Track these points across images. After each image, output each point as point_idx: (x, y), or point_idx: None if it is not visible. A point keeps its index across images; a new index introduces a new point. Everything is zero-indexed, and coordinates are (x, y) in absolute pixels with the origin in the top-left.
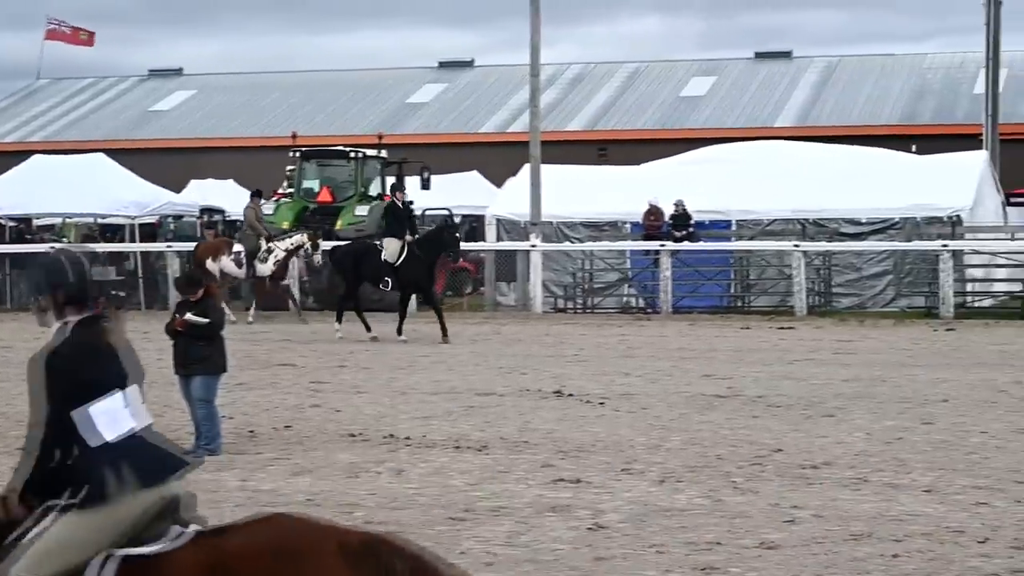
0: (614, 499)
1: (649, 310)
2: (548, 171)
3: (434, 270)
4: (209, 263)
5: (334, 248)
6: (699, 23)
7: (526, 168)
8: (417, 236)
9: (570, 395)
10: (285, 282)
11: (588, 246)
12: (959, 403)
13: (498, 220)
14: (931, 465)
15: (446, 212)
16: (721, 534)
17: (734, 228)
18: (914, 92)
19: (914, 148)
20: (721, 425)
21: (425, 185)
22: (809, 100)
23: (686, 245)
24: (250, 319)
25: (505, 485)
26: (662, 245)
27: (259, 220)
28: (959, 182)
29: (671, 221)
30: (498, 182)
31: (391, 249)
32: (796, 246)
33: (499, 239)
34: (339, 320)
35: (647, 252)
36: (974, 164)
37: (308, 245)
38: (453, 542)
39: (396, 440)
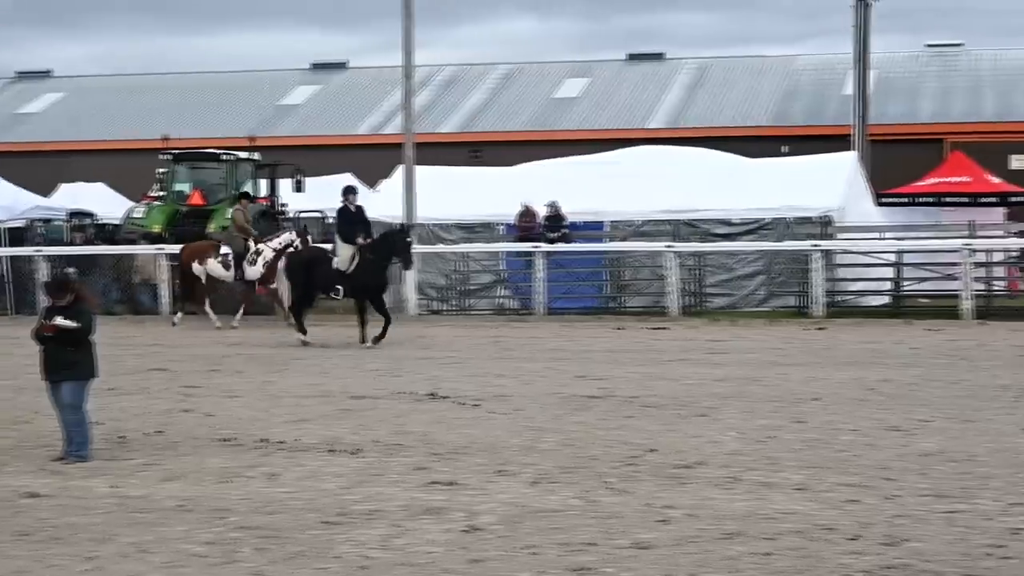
0: (488, 501)
1: (523, 311)
2: (422, 173)
3: (386, 275)
4: (195, 266)
5: (288, 255)
6: (574, 25)
7: (400, 170)
8: (369, 241)
9: (444, 397)
10: (273, 285)
11: (462, 248)
12: (830, 402)
13: (372, 222)
14: (803, 463)
15: (319, 214)
16: (595, 535)
17: (607, 229)
18: (785, 93)
19: (785, 149)
20: (595, 426)
21: (298, 188)
22: (681, 101)
23: (560, 247)
24: (235, 323)
25: (379, 488)
26: (536, 246)
27: (248, 222)
28: (829, 183)
29: (545, 222)
30: (372, 184)
31: (343, 256)
32: (669, 247)
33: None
34: (303, 330)
35: (521, 254)
36: (844, 165)
37: (297, 243)
38: (327, 546)
39: (269, 444)
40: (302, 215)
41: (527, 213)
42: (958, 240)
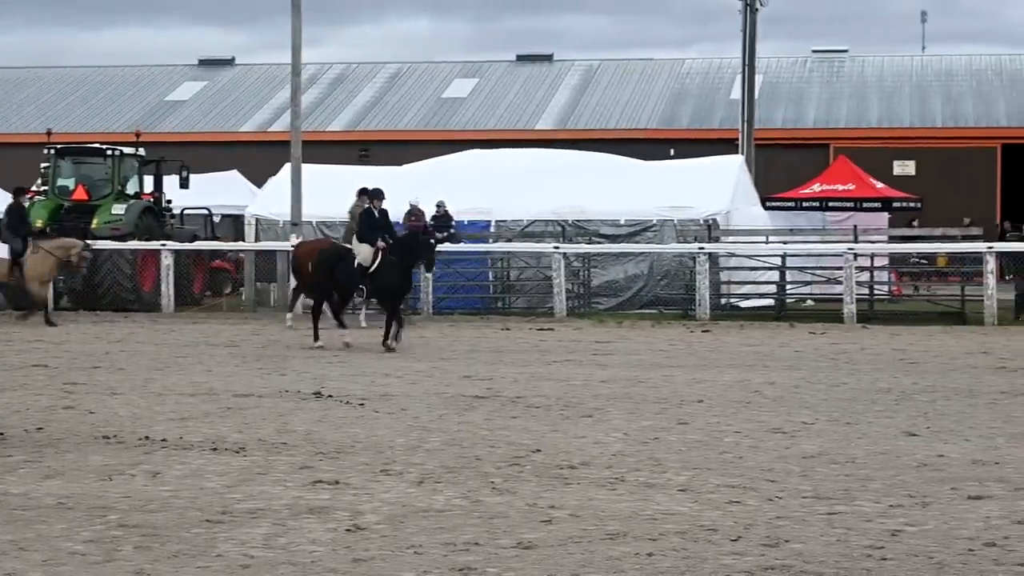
0: (372, 500)
1: (409, 311)
2: (309, 171)
3: (410, 277)
4: (311, 266)
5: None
6: (466, 25)
7: (287, 168)
8: (392, 242)
9: (329, 396)
10: None
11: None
12: (714, 403)
13: (258, 220)
14: (686, 464)
15: (205, 212)
16: (479, 534)
17: (494, 230)
18: (673, 97)
19: (672, 152)
20: (480, 426)
21: (184, 184)
22: (570, 103)
23: (447, 246)
24: (363, 323)
25: (263, 487)
26: None
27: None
28: (716, 186)
29: (432, 222)
30: (258, 182)
31: (363, 253)
32: (556, 248)
33: (259, 239)
34: (316, 335)
35: None
36: (730, 169)
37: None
38: (209, 544)
39: (152, 442)
40: (188, 212)
41: (414, 212)
42: (842, 244)
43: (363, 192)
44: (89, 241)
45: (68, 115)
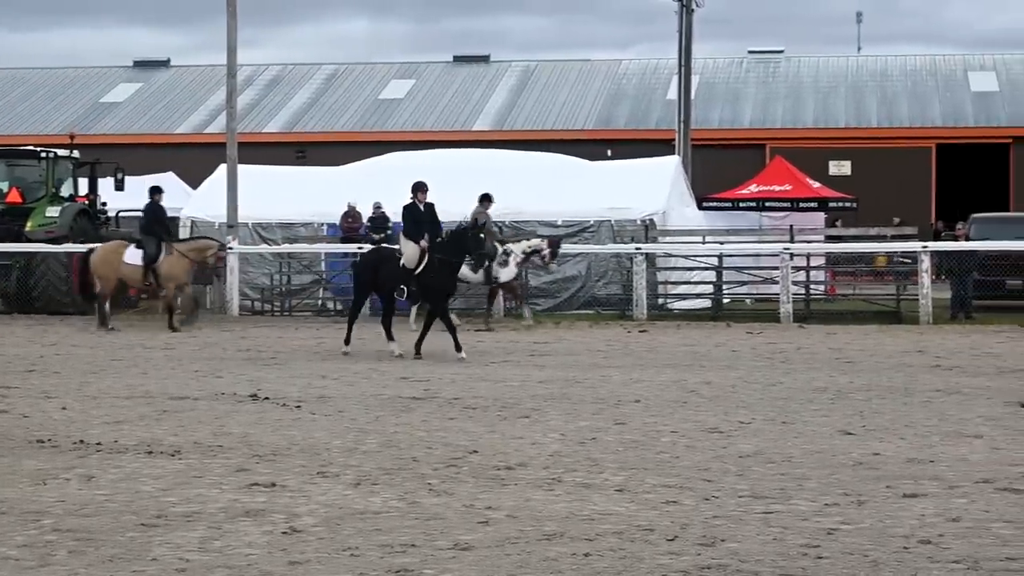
0: (309, 503)
1: (347, 312)
2: (245, 172)
3: (456, 277)
4: None
5: (359, 255)
6: (405, 27)
7: (222, 169)
8: (439, 240)
9: (266, 398)
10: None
11: (285, 248)
12: (651, 403)
13: (193, 221)
14: (623, 465)
15: (140, 214)
16: (416, 536)
17: None
18: (610, 97)
19: (609, 153)
20: (417, 427)
21: (119, 186)
22: (507, 104)
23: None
24: (486, 327)
25: (198, 490)
26: (360, 247)
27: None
28: (652, 187)
29: (369, 223)
30: (194, 183)
31: (409, 253)
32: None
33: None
34: (389, 336)
35: (344, 254)
36: (667, 169)
37: (547, 252)
38: (144, 548)
39: (86, 446)
40: (123, 214)
41: (351, 214)
42: (778, 244)
43: (485, 198)
44: (225, 242)
45: (2, 117)
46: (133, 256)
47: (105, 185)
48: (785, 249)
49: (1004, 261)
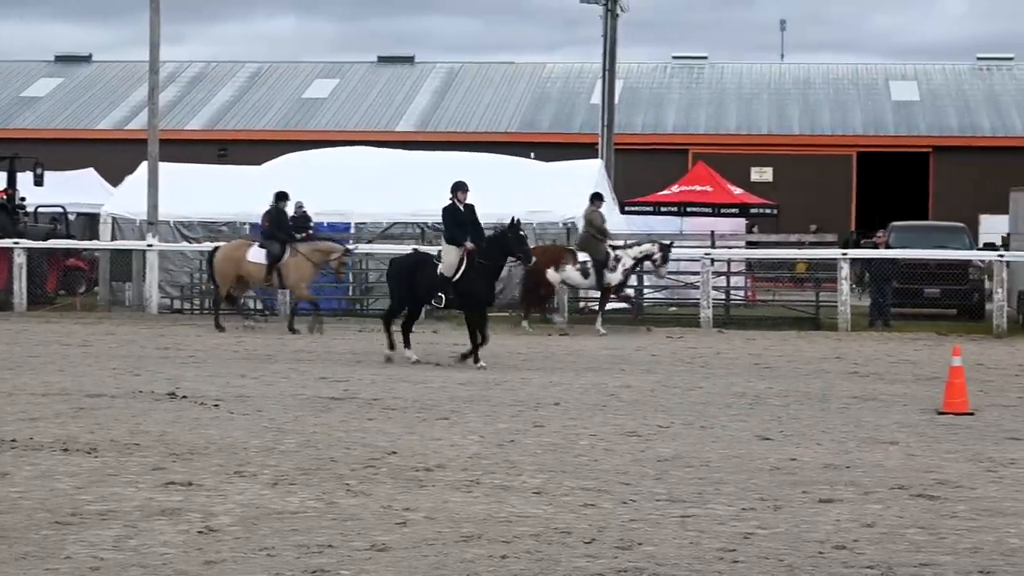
0: (226, 502)
1: (267, 312)
2: (167, 170)
3: (495, 282)
4: (550, 273)
5: (391, 261)
6: (332, 25)
7: (144, 166)
8: (482, 243)
9: (184, 397)
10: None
11: (206, 246)
12: (570, 406)
13: (114, 218)
14: (541, 467)
15: (60, 209)
16: (333, 536)
17: (353, 231)
18: (534, 100)
19: (533, 155)
20: (336, 427)
21: (38, 182)
22: (431, 105)
23: None
24: (602, 331)
25: (114, 488)
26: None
27: (604, 223)
28: (575, 190)
29: (290, 223)
30: (115, 180)
31: (449, 260)
32: (415, 250)
33: (114, 238)
34: (407, 342)
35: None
36: (590, 172)
37: (658, 257)
38: (58, 546)
39: (1, 442)
40: (41, 210)
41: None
42: (699, 250)
43: (596, 197)
44: (349, 246)
45: None
46: (257, 255)
47: (24, 180)
48: (706, 254)
49: (922, 269)
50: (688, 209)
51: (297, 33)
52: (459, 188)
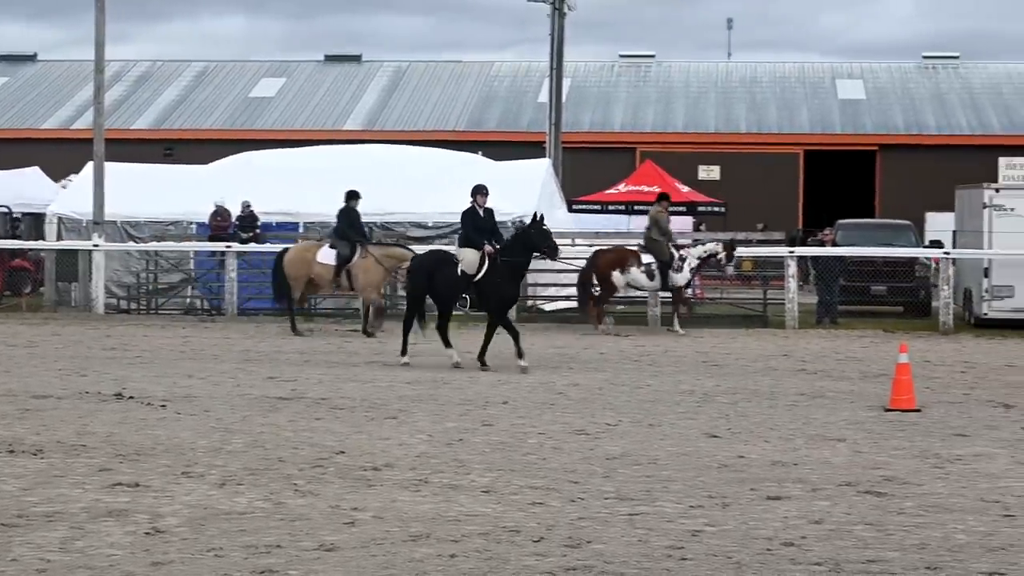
0: (173, 503)
1: (214, 312)
2: (112, 169)
3: (519, 282)
4: (616, 275)
5: (412, 259)
6: (280, 24)
7: (89, 166)
8: (500, 245)
9: (131, 397)
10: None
11: (152, 246)
12: (519, 405)
13: (60, 218)
14: (490, 466)
15: (5, 210)
16: (281, 536)
17: (302, 230)
18: (482, 99)
19: (480, 154)
20: (284, 427)
21: None
22: (378, 104)
23: (252, 247)
24: (681, 331)
25: (60, 490)
26: (228, 246)
27: (668, 224)
28: (522, 188)
29: (238, 222)
30: (60, 179)
31: (468, 259)
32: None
33: (60, 238)
34: (446, 342)
35: (213, 253)
36: (537, 171)
37: (723, 255)
38: (3, 549)
39: None
40: None
41: (220, 212)
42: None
43: (663, 197)
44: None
45: None
46: (326, 256)
47: None
48: None
49: (869, 267)
50: (635, 208)
51: (245, 32)
52: (478, 192)
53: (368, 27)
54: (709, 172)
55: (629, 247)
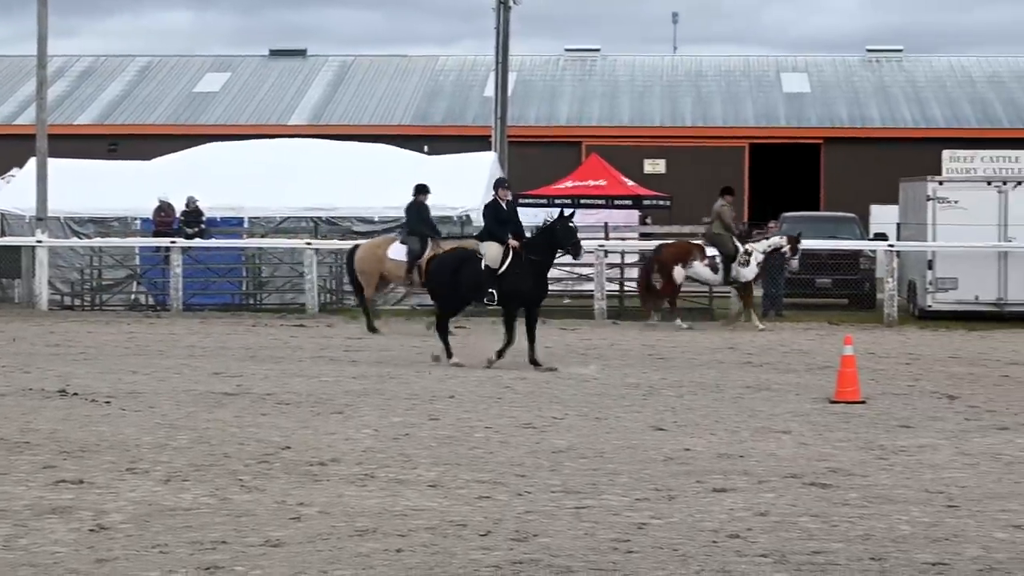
0: (118, 499)
1: (159, 308)
2: (56, 165)
3: (546, 278)
4: (678, 270)
5: (432, 257)
6: (227, 18)
7: (32, 161)
8: (525, 240)
9: (75, 394)
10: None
11: (96, 242)
12: (465, 399)
13: (2, 214)
14: (437, 460)
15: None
16: (226, 532)
17: (247, 225)
18: (427, 94)
19: (426, 148)
20: (230, 423)
21: None
22: (323, 99)
23: (197, 242)
24: (761, 326)
25: (4, 487)
26: (173, 242)
27: (734, 219)
28: (469, 182)
29: (182, 218)
30: (3, 175)
31: (492, 253)
32: (308, 244)
33: (3, 234)
34: (448, 349)
35: (157, 249)
36: (483, 165)
37: (787, 249)
38: None
39: None
40: None
41: (164, 208)
42: (593, 241)
43: (727, 191)
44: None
45: None
46: (398, 252)
47: None
48: (600, 246)
49: (814, 260)
50: (581, 201)
51: (190, 27)
52: (500, 185)
53: (314, 21)
54: (655, 166)
55: (693, 240)
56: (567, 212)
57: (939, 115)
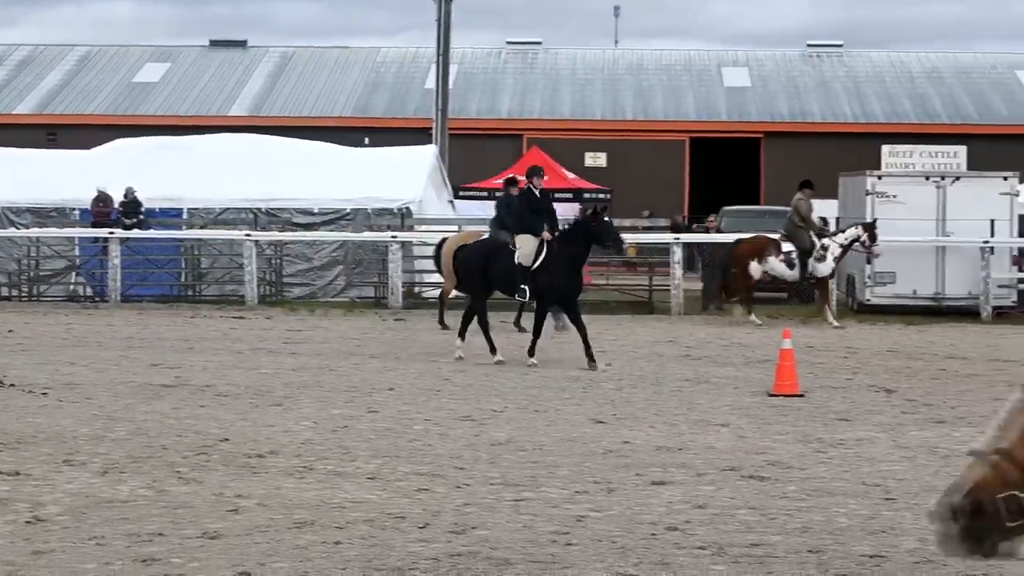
0: (54, 491)
1: (97, 299)
2: None
3: (581, 273)
4: (753, 265)
5: (459, 248)
6: (169, 9)
7: None
8: (558, 232)
9: (12, 385)
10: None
11: (34, 232)
12: (405, 391)
13: None
14: (376, 453)
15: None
16: (164, 524)
17: (186, 216)
18: (368, 85)
19: (367, 140)
20: (168, 415)
21: None
22: (264, 90)
23: (136, 233)
24: (836, 324)
25: None
26: (111, 232)
27: (811, 213)
28: (409, 175)
29: (121, 208)
30: None
31: (525, 249)
32: (248, 235)
33: None
34: (462, 336)
35: (96, 239)
36: (424, 158)
37: (865, 237)
38: None
39: None
40: None
41: (102, 198)
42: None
43: (806, 184)
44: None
45: None
46: None
47: None
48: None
49: None
50: None
51: (132, 17)
52: (534, 174)
53: (255, 12)
54: (596, 159)
55: (770, 235)
56: (603, 207)
57: (879, 110)
